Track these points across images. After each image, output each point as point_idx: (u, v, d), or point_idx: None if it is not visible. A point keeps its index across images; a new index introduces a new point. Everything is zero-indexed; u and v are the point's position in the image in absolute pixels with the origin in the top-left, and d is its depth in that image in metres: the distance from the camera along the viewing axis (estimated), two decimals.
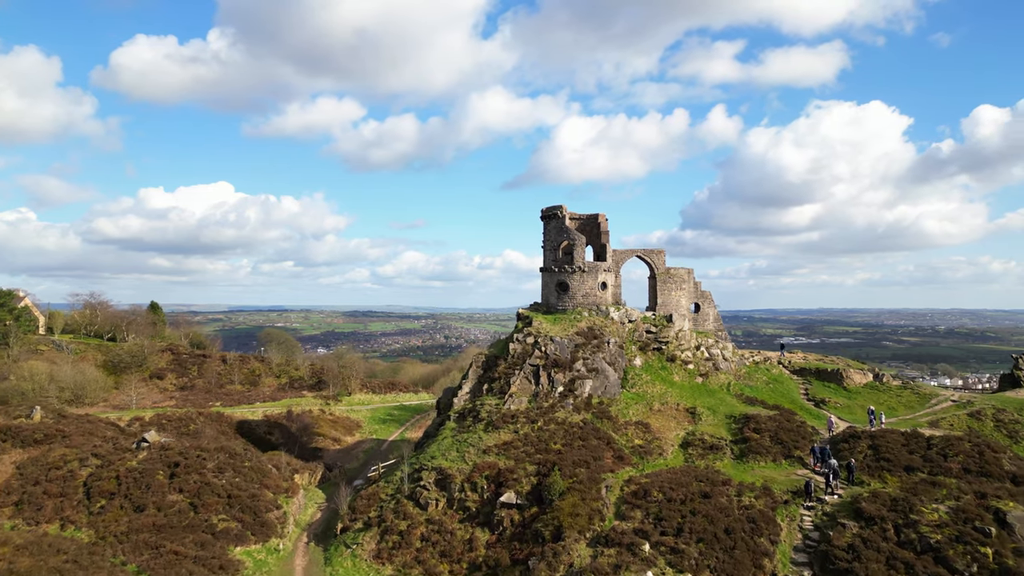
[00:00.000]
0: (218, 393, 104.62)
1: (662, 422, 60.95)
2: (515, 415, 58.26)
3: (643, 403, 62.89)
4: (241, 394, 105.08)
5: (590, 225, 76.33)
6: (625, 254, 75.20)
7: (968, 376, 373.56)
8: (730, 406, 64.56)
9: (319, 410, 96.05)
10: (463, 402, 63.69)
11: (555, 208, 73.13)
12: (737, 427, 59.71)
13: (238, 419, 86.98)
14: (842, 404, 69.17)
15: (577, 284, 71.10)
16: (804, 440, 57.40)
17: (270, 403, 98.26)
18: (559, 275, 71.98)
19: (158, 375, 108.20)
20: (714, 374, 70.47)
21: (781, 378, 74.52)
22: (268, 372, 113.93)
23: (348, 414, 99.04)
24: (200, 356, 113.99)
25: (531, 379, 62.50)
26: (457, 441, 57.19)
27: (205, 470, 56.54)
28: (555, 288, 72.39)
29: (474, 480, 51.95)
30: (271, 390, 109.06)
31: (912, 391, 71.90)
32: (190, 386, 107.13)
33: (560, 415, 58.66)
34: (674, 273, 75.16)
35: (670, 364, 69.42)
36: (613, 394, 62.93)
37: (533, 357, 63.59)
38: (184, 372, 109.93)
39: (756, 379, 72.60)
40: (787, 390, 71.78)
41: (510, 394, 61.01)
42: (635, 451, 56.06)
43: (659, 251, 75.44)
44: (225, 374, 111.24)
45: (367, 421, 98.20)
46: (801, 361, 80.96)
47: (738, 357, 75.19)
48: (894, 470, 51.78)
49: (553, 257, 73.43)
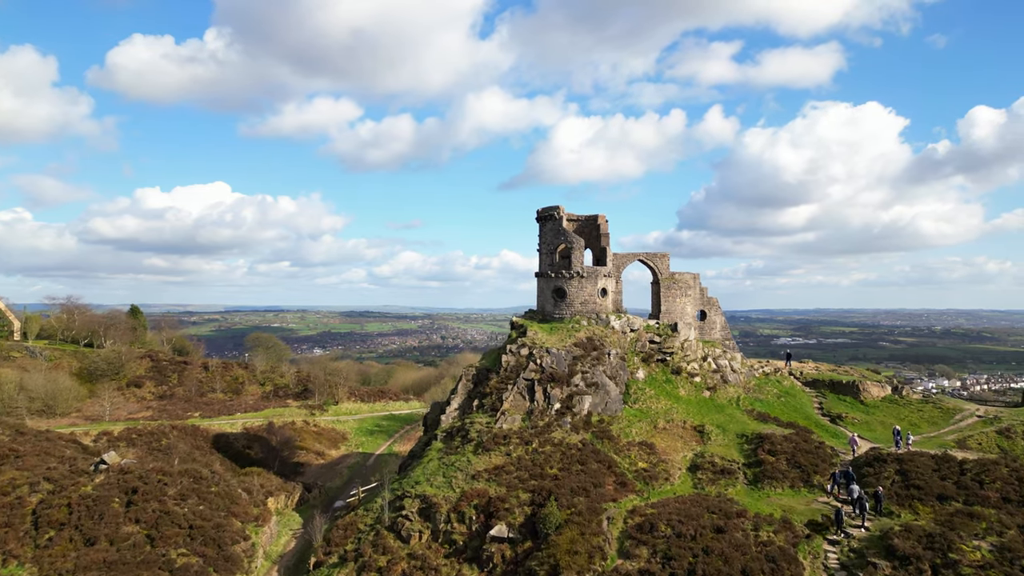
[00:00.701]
0: (198, 402, 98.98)
1: (668, 442, 55.60)
2: (507, 435, 52.83)
3: (647, 420, 57.53)
4: (222, 403, 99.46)
5: (589, 227, 70.95)
6: (626, 258, 69.81)
7: (966, 377, 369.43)
8: (741, 423, 59.22)
9: (303, 421, 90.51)
10: (451, 420, 58.26)
11: (551, 209, 67.75)
12: (750, 448, 54.37)
13: (215, 432, 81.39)
14: (860, 420, 63.91)
15: (575, 291, 65.71)
16: (824, 463, 52.09)
17: (251, 414, 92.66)
18: (556, 281, 66.59)
19: (136, 383, 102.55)
20: (722, 387, 65.14)
21: (793, 391, 69.22)
22: (252, 380, 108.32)
23: (334, 425, 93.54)
24: (181, 363, 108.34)
25: (525, 395, 57.10)
26: (444, 465, 51.74)
27: (166, 497, 51.01)
28: (551, 295, 66.99)
29: (462, 510, 46.55)
30: (254, 399, 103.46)
31: (934, 405, 66.65)
32: (169, 395, 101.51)
33: (557, 435, 53.28)
34: (679, 278, 69.79)
35: (675, 377, 64.07)
36: (614, 411, 57.56)
37: (527, 371, 58.18)
38: (163, 380, 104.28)
39: (767, 392, 67.29)
40: (800, 404, 66.48)
41: (502, 411, 55.61)
42: (639, 476, 50.71)
43: (663, 255, 70.09)
44: (206, 382, 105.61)
45: (354, 433, 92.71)
46: (813, 372, 75.64)
47: (747, 368, 69.89)
48: (926, 499, 46.53)
49: (549, 261, 68.02)
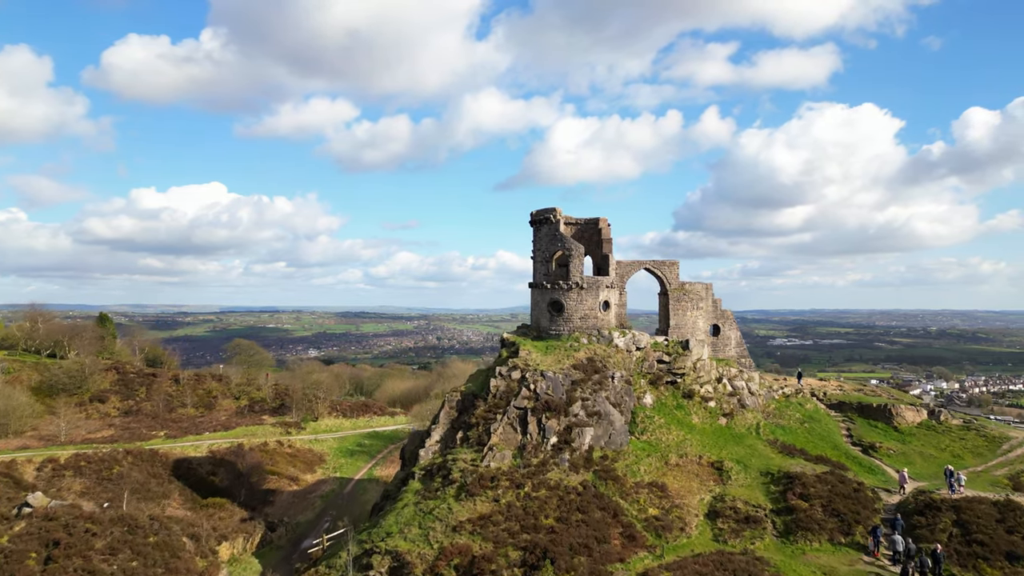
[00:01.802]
0: (165, 419, 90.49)
1: (682, 481, 47.50)
2: (495, 476, 44.64)
3: (657, 455, 49.42)
4: (192, 420, 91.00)
5: (589, 232, 62.82)
6: (631, 267, 61.67)
7: (964, 379, 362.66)
8: (764, 457, 51.15)
9: (276, 442, 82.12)
10: (431, 455, 50.02)
11: (547, 212, 59.54)
12: (778, 490, 46.25)
13: (176, 457, 72.94)
14: (896, 451, 55.91)
15: (574, 304, 57.51)
16: (866, 510, 44.03)
17: (220, 434, 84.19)
18: (552, 293, 58.37)
19: (99, 398, 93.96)
20: (740, 413, 57.08)
21: (817, 415, 61.19)
22: (226, 393, 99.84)
23: (311, 445, 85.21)
24: (149, 375, 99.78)
25: (516, 426, 48.91)
26: (420, 512, 43.52)
27: (92, 552, 42.64)
28: (547, 308, 58.77)
29: (440, 571, 38.40)
30: (227, 415, 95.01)
31: (978, 433, 58.67)
32: (135, 410, 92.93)
33: (553, 476, 45.12)
34: (689, 289, 61.64)
35: (687, 402, 55.96)
36: (619, 444, 49.43)
37: (519, 398, 49.99)
38: (130, 394, 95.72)
39: (789, 417, 59.25)
40: (827, 432, 58.45)
41: (490, 446, 47.40)
42: (650, 526, 42.60)
43: (671, 263, 61.96)
44: (177, 396, 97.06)
45: (332, 454, 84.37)
46: (838, 392, 67.62)
47: (765, 389, 61.83)
48: (992, 558, 38.62)
49: (545, 271, 59.80)
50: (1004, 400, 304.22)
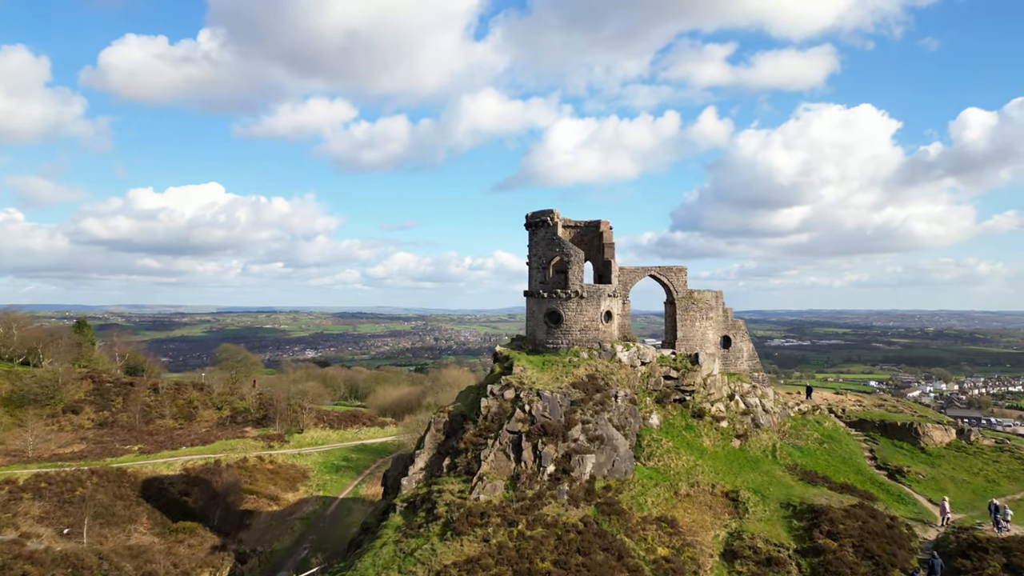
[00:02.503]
0: (141, 432, 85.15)
1: (693, 515, 42.28)
2: (485, 512, 39.36)
3: (665, 484, 44.18)
4: (170, 432, 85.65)
5: (589, 235, 57.60)
6: (636, 273, 56.41)
7: (963, 380, 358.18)
8: (783, 486, 45.93)
9: (256, 457, 76.75)
10: (415, 484, 44.73)
11: (543, 214, 54.24)
12: (802, 526, 41.03)
13: (146, 477, 67.59)
14: (925, 476, 50.71)
15: (573, 314, 52.22)
16: (902, 550, 38.84)
17: (198, 448, 78.83)
18: (549, 302, 53.06)
19: (73, 409, 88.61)
20: (754, 433, 51.86)
21: (837, 434, 56.00)
22: (207, 403, 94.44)
23: (294, 460, 79.86)
24: (126, 385, 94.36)
25: (510, 453, 43.64)
26: (401, 553, 38.22)
27: None
28: (544, 319, 53.46)
29: None
30: (208, 426, 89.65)
31: (1012, 455, 53.50)
32: (110, 422, 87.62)
33: (550, 511, 39.86)
34: (698, 298, 56.40)
35: (697, 422, 50.75)
36: (624, 472, 44.18)
37: (513, 420, 44.71)
38: (105, 404, 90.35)
39: (806, 437, 54.05)
40: (848, 453, 53.27)
41: (480, 476, 42.14)
42: (659, 569, 37.35)
43: (679, 269, 56.70)
44: (155, 407, 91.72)
45: (317, 469, 79.02)
46: (858, 409, 62.40)
47: (780, 406, 56.63)
48: None
49: (541, 278, 54.51)
50: (1004, 402, 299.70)
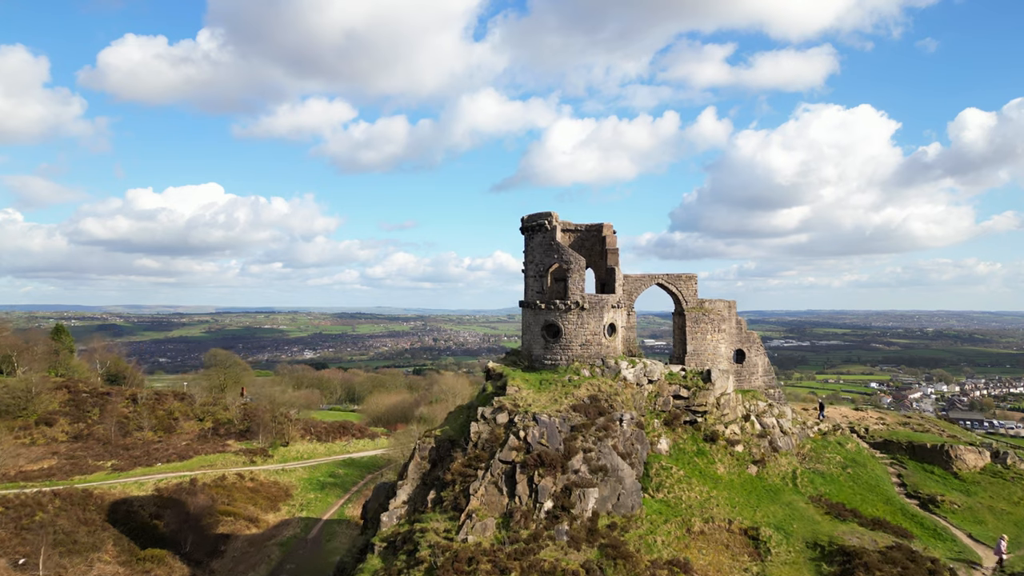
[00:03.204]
0: (117, 446, 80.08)
1: (709, 556, 37.25)
2: (474, 556, 34.32)
3: (677, 520, 39.14)
4: (147, 446, 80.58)
5: (590, 240, 52.56)
6: (642, 281, 51.35)
7: (964, 382, 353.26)
8: (808, 521, 40.88)
9: (236, 475, 71.66)
10: (396, 520, 39.67)
11: (541, 217, 49.14)
12: (832, 572, 35.98)
13: (116, 498, 62.49)
14: (961, 506, 45.67)
15: (573, 328, 47.16)
16: None
17: (174, 465, 73.74)
18: (547, 314, 47.98)
19: (47, 420, 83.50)
20: (772, 458, 46.82)
21: (861, 457, 50.94)
22: (188, 414, 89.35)
23: (277, 476, 74.77)
24: (103, 395, 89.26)
25: (502, 486, 38.60)
26: None
27: None
28: (541, 333, 48.36)
29: None
30: (188, 439, 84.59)
31: None
32: (85, 435, 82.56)
33: (548, 555, 34.81)
34: (709, 308, 51.35)
35: (710, 446, 45.71)
36: (630, 507, 39.14)
37: (506, 449, 39.66)
38: (81, 416, 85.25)
39: (828, 461, 49.00)
40: (875, 480, 48.21)
41: (468, 513, 37.11)
42: None
43: (688, 276, 51.67)
44: (133, 418, 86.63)
45: (301, 487, 73.96)
46: (881, 428, 57.34)
47: (799, 426, 51.59)
48: None
49: (538, 287, 49.43)
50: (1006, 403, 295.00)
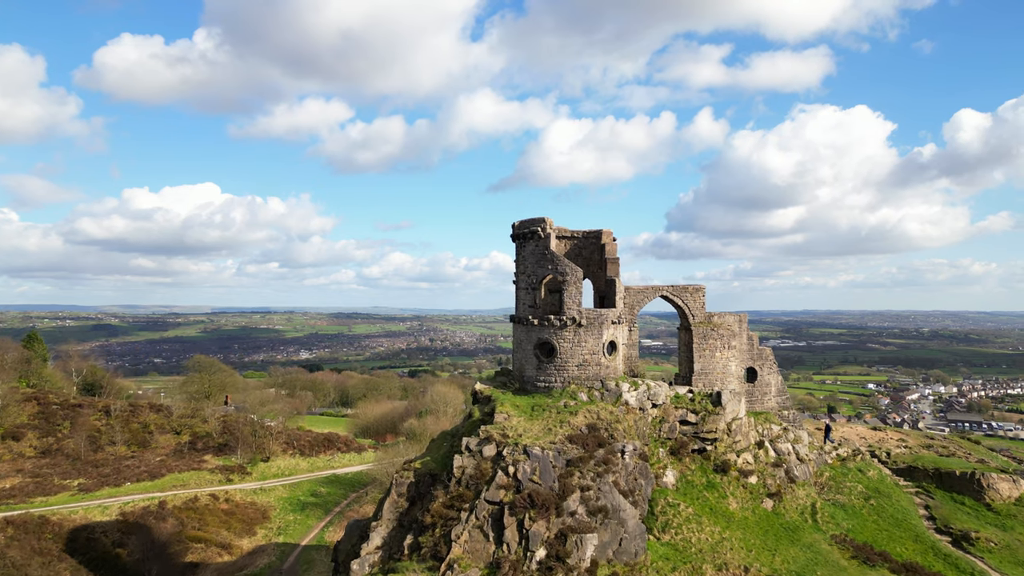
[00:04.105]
0: (87, 462, 75.04)
1: None
2: None
3: (686, 568, 34.29)
4: (118, 463, 75.56)
5: (588, 248, 47.73)
6: (645, 294, 46.53)
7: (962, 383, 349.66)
8: (833, 567, 36.09)
9: (209, 496, 66.65)
10: (368, 569, 34.75)
11: (534, 224, 44.23)
12: None
13: (76, 524, 57.48)
14: (998, 543, 40.95)
15: (569, 346, 42.32)
16: None
17: (145, 484, 68.75)
18: (540, 331, 43.12)
19: (14, 435, 78.40)
20: (788, 490, 42.04)
21: (884, 486, 46.19)
22: (165, 427, 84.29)
23: (255, 496, 69.79)
24: (74, 407, 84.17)
25: (488, 531, 33.73)
26: None
27: None
28: (534, 352, 43.47)
29: None
30: (163, 454, 79.56)
31: None
32: (55, 450, 77.47)
33: None
34: (719, 323, 46.54)
35: (720, 478, 40.92)
36: (634, 552, 34.31)
37: (493, 487, 34.81)
38: (50, 430, 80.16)
39: (849, 491, 44.25)
40: (901, 513, 43.46)
41: (450, 563, 32.24)
42: None
43: (696, 288, 46.86)
44: (106, 432, 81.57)
45: (280, 508, 68.99)
46: (904, 452, 52.62)
47: (816, 452, 46.82)
48: None
49: (531, 301, 44.57)
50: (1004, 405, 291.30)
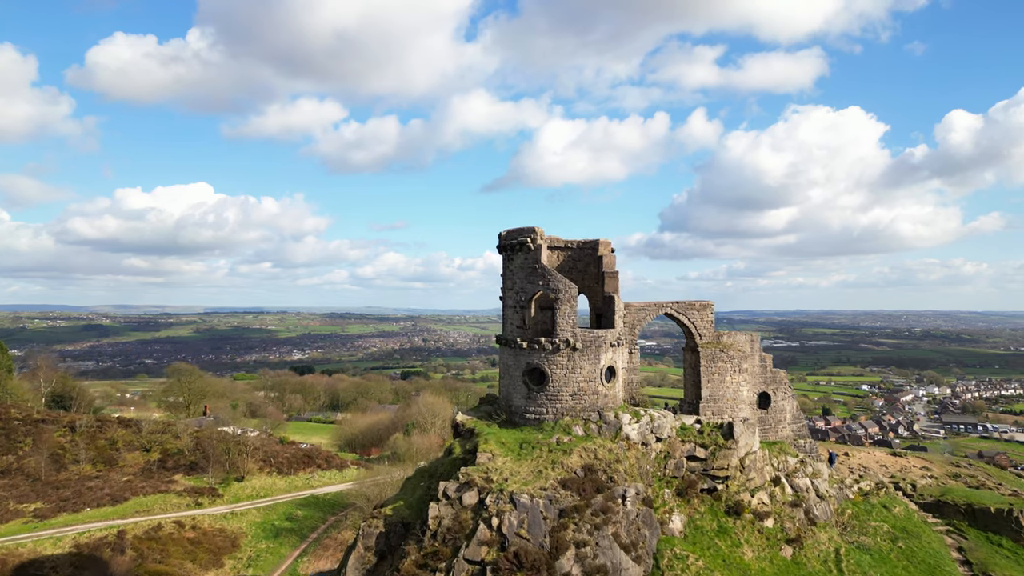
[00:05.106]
0: (49, 483, 69.53)
1: None
2: None
3: None
4: (81, 483, 70.02)
5: (583, 260, 42.62)
6: (646, 311, 41.50)
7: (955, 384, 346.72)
8: None
9: (175, 523, 61.22)
10: None
11: (523, 234, 39.04)
12: None
13: (24, 559, 52.05)
14: None
15: (563, 373, 37.22)
16: None
17: (106, 509, 63.30)
18: (529, 355, 37.97)
19: None
20: (809, 533, 37.06)
21: (912, 525, 41.31)
22: (134, 444, 78.78)
23: (225, 521, 64.40)
24: (37, 422, 78.58)
25: None
26: None
27: None
28: (523, 379, 38.31)
29: None
30: (131, 473, 74.07)
31: None
32: (14, 469, 71.92)
33: None
34: (728, 343, 41.54)
35: (733, 522, 35.88)
36: None
37: (474, 543, 29.68)
38: (10, 447, 74.56)
39: (874, 531, 39.35)
40: (933, 558, 38.57)
41: None
42: None
43: (703, 305, 41.85)
44: (70, 449, 76.06)
45: (252, 533, 63.64)
46: (931, 483, 47.73)
47: (836, 486, 41.89)
48: None
49: (519, 320, 39.40)
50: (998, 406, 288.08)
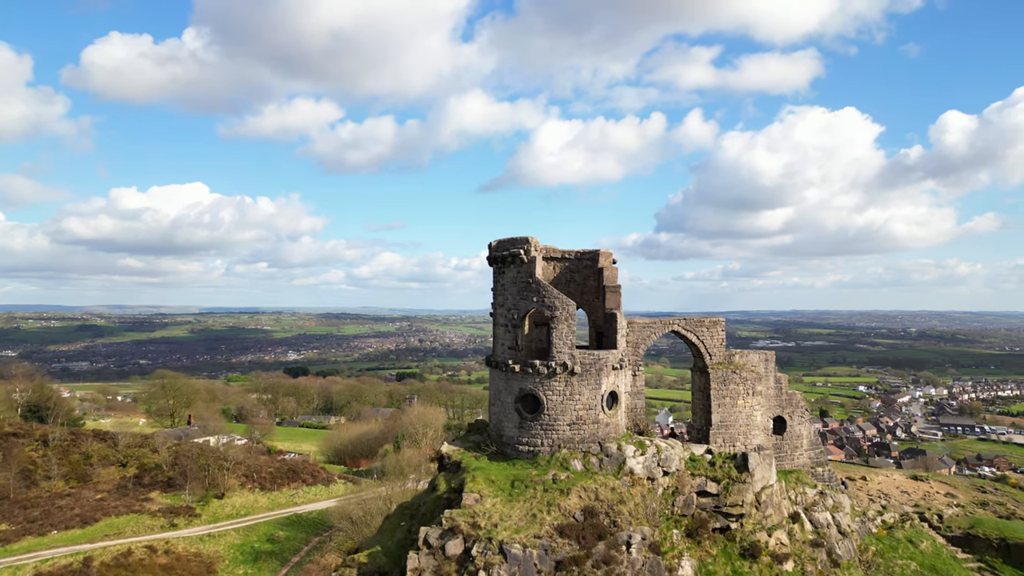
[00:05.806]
0: (17, 502, 65.25)
1: None
2: None
3: None
4: (52, 502, 65.80)
5: (582, 272, 38.75)
6: (651, 329, 37.69)
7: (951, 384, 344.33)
8: None
9: (146, 548, 57.12)
10: None
11: (515, 245, 35.14)
12: None
13: None
14: None
15: (559, 399, 33.38)
16: None
17: (74, 532, 59.15)
18: (522, 380, 34.10)
19: None
20: (831, 574, 33.32)
21: (941, 562, 37.59)
22: (109, 458, 74.54)
23: (201, 544, 60.31)
24: (8, 436, 74.29)
25: None
26: None
27: None
28: (515, 406, 34.41)
29: None
30: (106, 490, 69.80)
31: None
32: None
33: None
34: (741, 363, 37.77)
35: (749, 566, 32.08)
36: None
37: None
38: None
39: (901, 570, 35.64)
40: None
41: None
42: None
43: (712, 321, 38.06)
44: (42, 464, 71.83)
45: (230, 557, 59.56)
46: (958, 513, 43.99)
47: (858, 519, 38.12)
48: None
49: (511, 340, 35.51)
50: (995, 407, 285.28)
